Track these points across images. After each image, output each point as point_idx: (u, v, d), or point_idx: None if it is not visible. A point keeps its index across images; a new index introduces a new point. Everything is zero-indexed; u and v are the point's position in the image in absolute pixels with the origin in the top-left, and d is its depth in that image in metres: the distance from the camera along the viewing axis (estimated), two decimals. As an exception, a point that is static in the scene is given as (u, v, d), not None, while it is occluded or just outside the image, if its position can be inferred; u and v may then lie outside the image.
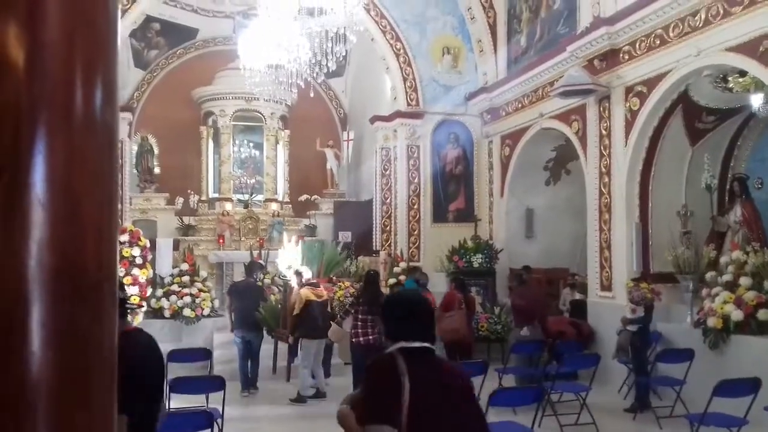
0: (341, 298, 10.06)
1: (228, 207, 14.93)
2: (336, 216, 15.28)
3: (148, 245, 10.27)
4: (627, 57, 8.88)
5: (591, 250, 9.72)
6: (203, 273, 11.27)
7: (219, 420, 5.60)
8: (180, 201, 15.16)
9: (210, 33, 15.56)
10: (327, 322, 8.07)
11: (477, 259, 11.70)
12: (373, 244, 13.25)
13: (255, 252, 12.25)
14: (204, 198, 15.62)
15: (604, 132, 9.42)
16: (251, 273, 9.53)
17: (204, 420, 4.62)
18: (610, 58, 9.11)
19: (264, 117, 15.52)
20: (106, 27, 1.03)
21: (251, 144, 16.00)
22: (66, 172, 0.97)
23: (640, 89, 8.72)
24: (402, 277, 11.15)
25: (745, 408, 5.52)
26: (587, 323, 9.44)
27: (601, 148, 9.47)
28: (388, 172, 13.19)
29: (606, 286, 9.30)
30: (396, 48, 12.81)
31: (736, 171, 9.37)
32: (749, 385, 5.56)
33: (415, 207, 12.93)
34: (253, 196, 15.35)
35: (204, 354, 7.29)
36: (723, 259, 7.94)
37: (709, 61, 7.66)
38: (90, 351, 0.99)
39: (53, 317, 0.94)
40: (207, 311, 10.59)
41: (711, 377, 5.79)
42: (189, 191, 15.42)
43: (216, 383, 5.84)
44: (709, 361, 7.12)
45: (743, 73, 7.72)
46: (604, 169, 9.42)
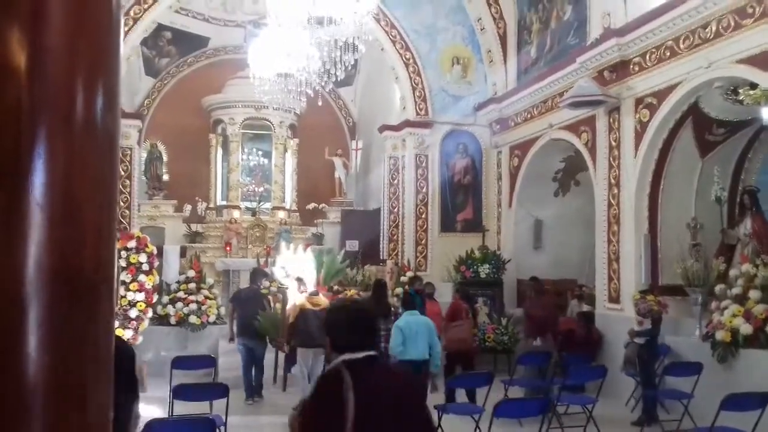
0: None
1: (236, 215, 14.98)
2: (343, 224, 15.29)
3: (155, 252, 10.28)
4: (637, 68, 8.86)
5: (599, 261, 9.67)
6: (210, 280, 11.26)
7: (222, 427, 5.58)
8: (188, 208, 15.19)
9: (221, 42, 15.66)
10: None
11: (484, 270, 11.66)
12: (380, 253, 13.24)
13: (261, 260, 12.24)
14: (212, 205, 15.67)
15: (613, 143, 9.39)
16: (255, 281, 9.51)
17: (207, 427, 4.61)
18: (620, 69, 9.09)
19: (273, 125, 15.59)
20: (108, 33, 1.05)
21: (260, 152, 16.07)
22: (66, 175, 0.98)
23: (650, 101, 8.70)
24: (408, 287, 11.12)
25: (753, 422, 5.45)
26: (597, 328, 9.38)
27: (611, 159, 9.44)
28: (396, 181, 13.20)
29: (614, 298, 9.25)
30: (405, 57, 12.85)
31: (746, 183, 9.30)
32: (757, 399, 5.50)
33: (423, 216, 12.92)
34: (261, 204, 15.38)
35: (209, 361, 7.29)
36: (732, 272, 7.86)
37: (720, 73, 7.64)
38: (86, 352, 0.99)
39: (50, 318, 0.94)
40: (213, 318, 10.58)
41: (719, 391, 5.72)
42: (197, 198, 15.47)
43: (219, 390, 5.82)
44: (718, 375, 7.05)
45: (754, 86, 7.66)
46: (613, 181, 9.39)
